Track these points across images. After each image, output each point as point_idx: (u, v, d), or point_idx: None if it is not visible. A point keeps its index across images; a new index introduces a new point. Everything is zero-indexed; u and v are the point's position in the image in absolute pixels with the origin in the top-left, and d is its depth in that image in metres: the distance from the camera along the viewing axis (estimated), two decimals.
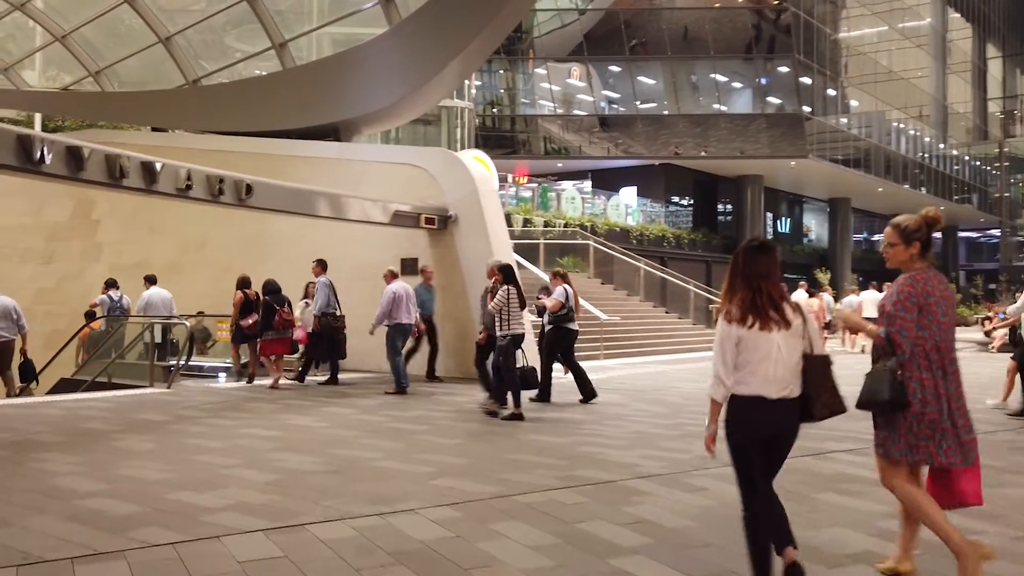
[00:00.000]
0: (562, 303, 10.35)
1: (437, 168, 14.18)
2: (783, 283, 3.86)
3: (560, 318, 10.42)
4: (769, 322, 3.54)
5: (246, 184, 10.43)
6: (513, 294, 9.29)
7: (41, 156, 7.61)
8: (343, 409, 9.68)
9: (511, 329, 9.26)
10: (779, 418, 3.58)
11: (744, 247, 3.70)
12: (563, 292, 10.41)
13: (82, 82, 17.88)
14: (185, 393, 11.11)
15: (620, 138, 35.86)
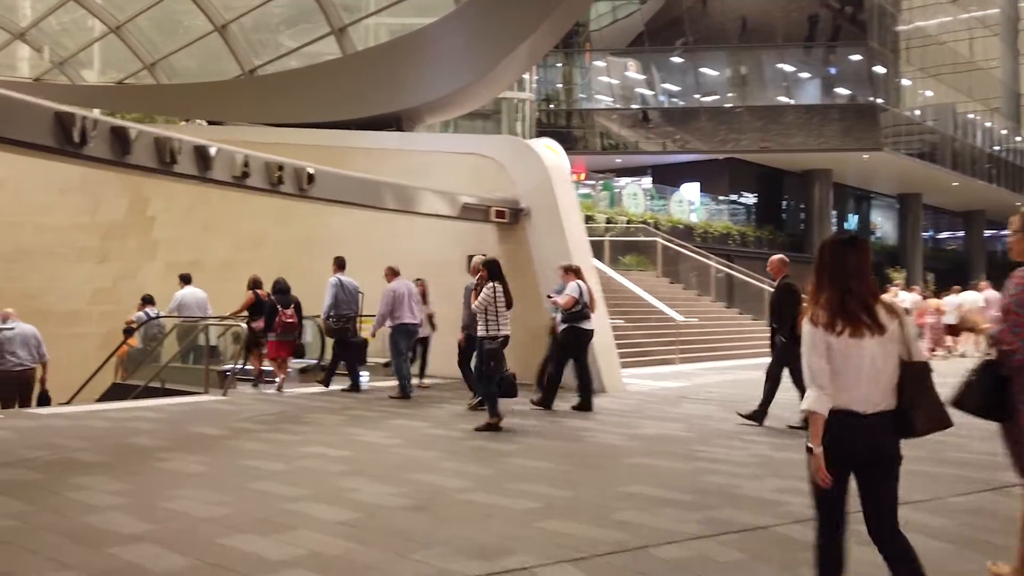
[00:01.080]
0: (575, 300, 9.45)
1: (506, 157, 13.06)
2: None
3: (574, 316, 9.50)
4: (861, 327, 3.12)
5: (307, 172, 9.42)
6: (500, 292, 8.34)
7: (83, 137, 6.67)
8: (413, 422, 8.60)
9: (499, 330, 8.28)
10: (877, 437, 3.13)
11: (831, 241, 3.33)
12: (576, 288, 9.53)
13: (137, 75, 17.17)
14: (241, 401, 10.15)
15: (681, 132, 34.37)
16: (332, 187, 9.93)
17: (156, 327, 13.49)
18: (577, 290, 9.53)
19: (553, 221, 12.37)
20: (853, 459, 3.12)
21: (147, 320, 13.50)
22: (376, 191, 10.69)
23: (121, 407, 9.41)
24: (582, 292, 9.57)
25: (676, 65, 34.88)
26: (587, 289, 9.69)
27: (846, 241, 3.32)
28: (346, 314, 11.11)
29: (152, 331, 13.48)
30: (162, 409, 9.26)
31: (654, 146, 34.73)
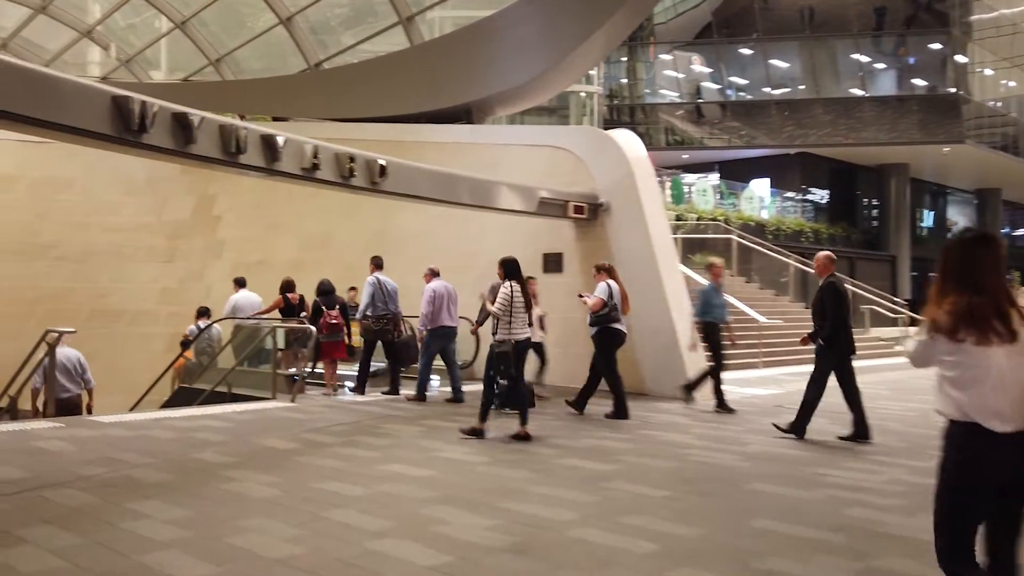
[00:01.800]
0: (604, 301, 8.92)
1: (585, 149, 12.22)
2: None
3: (603, 318, 8.96)
4: (989, 334, 2.80)
5: (380, 165, 8.72)
6: (517, 292, 7.64)
7: (142, 124, 6.07)
8: (492, 433, 7.81)
9: (511, 333, 7.57)
10: (1013, 458, 2.81)
11: (958, 240, 3.02)
12: (606, 289, 9.00)
13: (203, 72, 16.80)
14: (311, 409, 9.51)
15: (750, 126, 33.02)
16: (405, 180, 9.22)
17: (207, 340, 13.00)
18: (607, 291, 8.99)
19: (635, 217, 11.51)
20: (990, 479, 2.84)
21: (199, 333, 13.03)
22: (451, 185, 9.96)
23: (186, 415, 8.84)
24: (612, 293, 9.01)
25: (744, 57, 33.52)
26: (619, 290, 9.12)
27: (977, 239, 2.99)
28: (383, 314, 10.59)
29: (202, 344, 13.03)
30: (228, 418, 8.65)
31: (721, 141, 33.45)
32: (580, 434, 7.94)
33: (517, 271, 7.78)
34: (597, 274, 9.30)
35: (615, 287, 9.10)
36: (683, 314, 11.26)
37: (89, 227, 18.24)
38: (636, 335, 11.33)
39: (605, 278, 9.17)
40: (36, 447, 6.77)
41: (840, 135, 31.47)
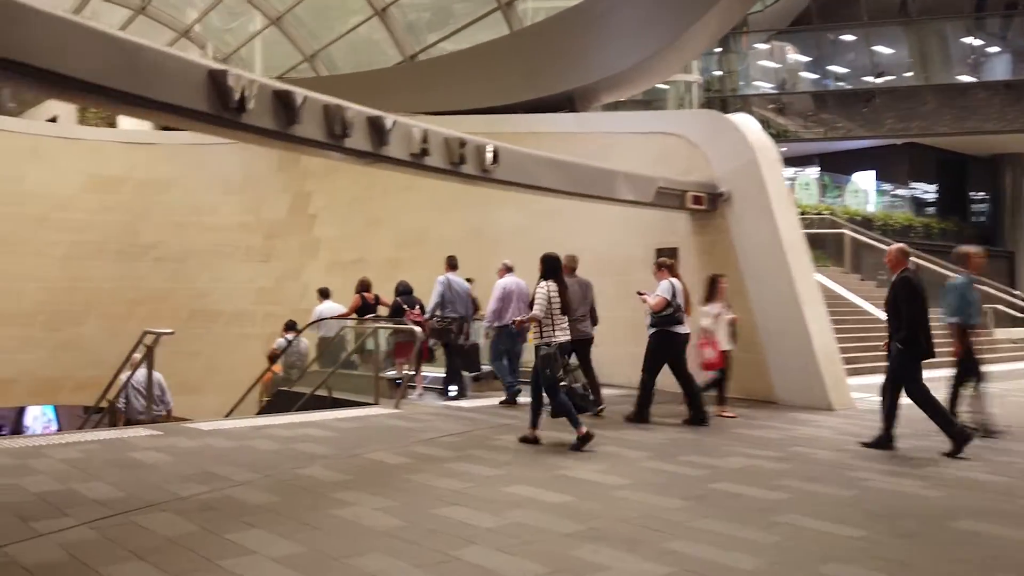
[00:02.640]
0: (667, 301, 8.16)
1: (701, 134, 11.12)
2: None
3: (665, 320, 8.21)
4: None
5: (492, 151, 7.87)
6: (554, 292, 6.99)
7: (241, 102, 5.37)
8: (623, 451, 6.86)
9: (555, 335, 6.97)
10: None
11: None
12: (668, 287, 8.24)
13: (298, 68, 16.36)
14: (417, 416, 8.74)
15: (852, 116, 31.04)
16: (518, 168, 8.34)
17: (296, 354, 12.49)
18: (669, 289, 8.23)
19: (761, 207, 10.36)
20: None
21: (287, 346, 12.46)
22: (565, 173, 9.03)
23: (287, 422, 8.17)
24: (675, 292, 8.25)
25: (845, 44, 31.58)
26: (681, 288, 8.36)
27: None
28: (451, 316, 10.04)
29: (291, 359, 12.50)
30: (331, 426, 7.94)
31: (820, 132, 31.57)
32: (720, 450, 6.90)
33: (557, 269, 7.15)
34: (658, 271, 8.53)
35: (678, 285, 8.33)
36: (818, 315, 10.08)
37: (188, 227, 18.07)
38: (763, 338, 10.21)
39: (667, 275, 8.39)
40: (132, 459, 6.15)
41: (946, 124, 29.25)
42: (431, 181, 15.22)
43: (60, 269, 17.07)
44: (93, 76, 4.62)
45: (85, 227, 17.36)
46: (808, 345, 9.80)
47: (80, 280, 17.25)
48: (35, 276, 16.80)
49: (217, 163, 18.31)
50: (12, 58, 4.38)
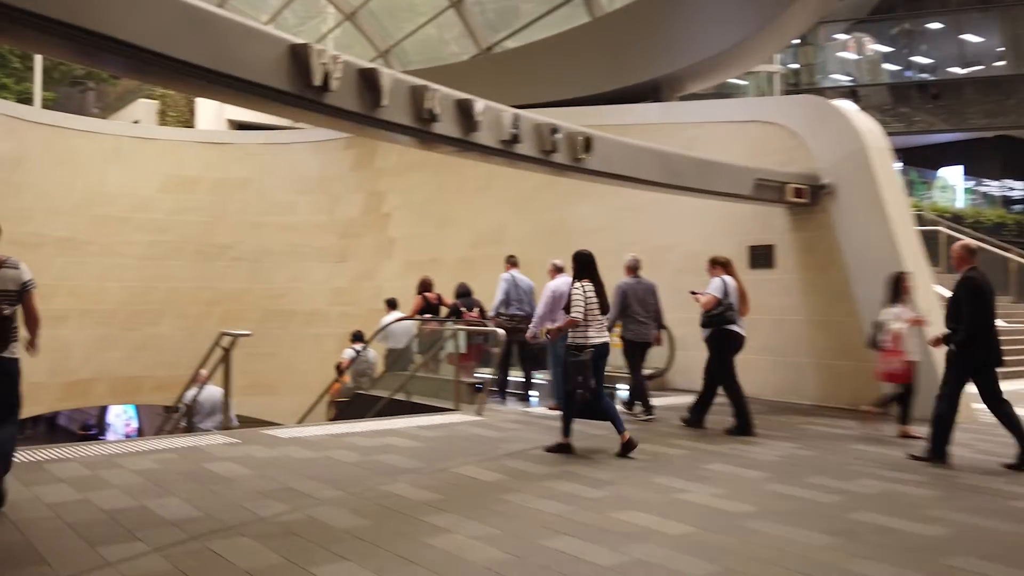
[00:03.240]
0: (718, 299, 7.71)
1: (801, 122, 10.26)
2: None
3: (716, 319, 7.74)
4: None
5: (585, 138, 7.20)
6: (591, 292, 6.54)
7: (325, 80, 4.83)
8: (739, 470, 6.11)
9: (587, 338, 6.49)
10: None
11: None
12: (720, 285, 7.79)
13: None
14: (501, 424, 8.14)
15: (937, 109, 29.37)
16: (611, 158, 7.65)
17: (365, 364, 12.10)
18: (720, 288, 7.77)
19: (870, 201, 9.46)
20: None
21: (355, 357, 12.02)
22: (662, 163, 8.31)
23: (368, 430, 7.65)
24: (728, 290, 7.78)
25: (931, 33, 29.91)
26: (736, 287, 7.86)
27: None
28: (517, 314, 9.67)
29: (361, 367, 12.10)
30: (413, 435, 7.38)
31: (902, 126, 29.95)
32: (847, 471, 6.09)
33: (590, 267, 6.67)
34: (712, 268, 8.03)
35: (731, 284, 7.83)
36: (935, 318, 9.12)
37: (264, 227, 17.87)
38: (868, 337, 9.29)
39: (721, 273, 7.91)
40: (208, 472, 5.68)
41: None
42: (507, 179, 14.72)
43: (139, 269, 17.04)
44: (169, 47, 4.12)
45: (163, 227, 17.31)
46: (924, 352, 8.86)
47: (158, 280, 17.20)
48: (115, 276, 16.80)
49: (292, 162, 18.08)
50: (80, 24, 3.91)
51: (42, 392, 15.72)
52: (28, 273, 4.89)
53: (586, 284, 6.57)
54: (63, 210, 16.25)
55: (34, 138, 15.91)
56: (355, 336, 12.77)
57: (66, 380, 16.15)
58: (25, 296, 4.89)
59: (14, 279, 4.79)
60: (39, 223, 15.89)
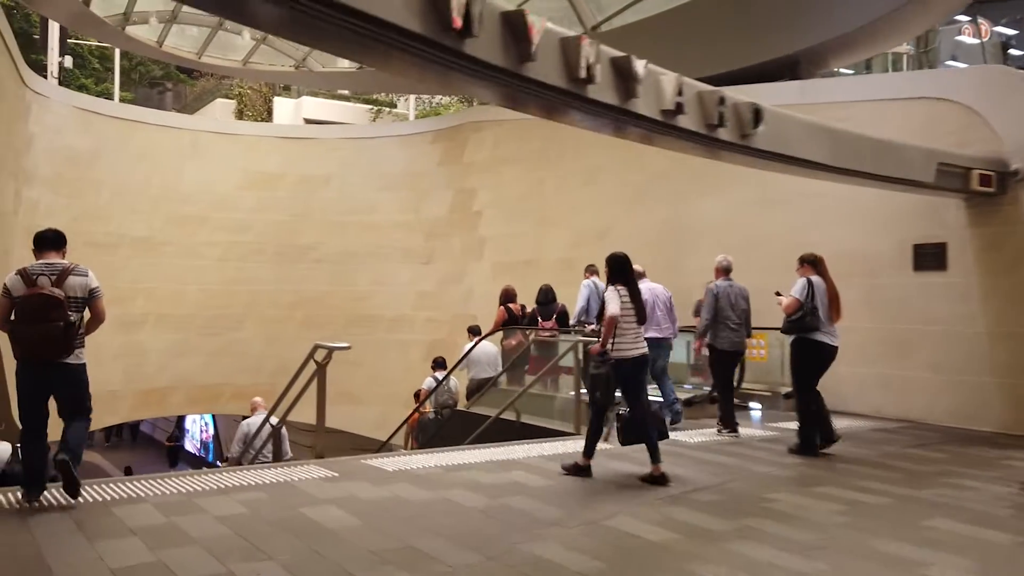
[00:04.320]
0: (800, 302, 6.90)
1: (982, 97, 8.79)
2: None
3: (797, 324, 6.95)
4: None
5: (753, 110, 5.98)
6: (626, 296, 5.94)
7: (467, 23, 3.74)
8: (959, 524, 4.81)
9: (618, 349, 5.90)
10: None
11: None
12: (802, 287, 6.98)
13: None
14: (634, 454, 6.97)
15: None
16: (780, 135, 6.38)
17: (447, 393, 11.10)
18: (803, 290, 6.95)
19: None
20: None
21: (436, 387, 11.04)
22: (835, 143, 7.01)
23: (485, 460, 6.56)
24: (813, 293, 6.93)
25: None
26: (825, 289, 7.02)
27: None
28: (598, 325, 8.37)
29: (443, 398, 11.08)
30: (540, 468, 6.27)
31: None
32: None
33: (626, 271, 6.01)
34: (800, 267, 7.25)
35: (820, 285, 6.99)
36: None
37: (347, 227, 17.10)
38: None
39: (809, 272, 7.10)
40: (307, 521, 4.66)
41: None
42: (614, 173, 13.52)
43: (217, 271, 16.47)
44: None
45: (243, 227, 16.70)
46: None
47: (237, 283, 16.60)
48: (193, 278, 16.26)
49: (376, 158, 17.29)
50: None
51: (118, 401, 15.25)
52: (95, 280, 5.07)
53: (620, 288, 5.92)
54: (140, 208, 15.77)
55: (111, 133, 15.48)
56: (436, 363, 11.76)
57: (142, 388, 15.65)
58: (92, 303, 5.03)
59: (82, 286, 4.96)
60: (116, 222, 15.44)
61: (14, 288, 4.79)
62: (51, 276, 4.83)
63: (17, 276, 4.81)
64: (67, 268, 4.91)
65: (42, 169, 14.20)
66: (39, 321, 4.67)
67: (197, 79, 35.55)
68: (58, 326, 4.68)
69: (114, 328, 15.50)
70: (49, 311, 4.68)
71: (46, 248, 5.02)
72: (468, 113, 16.77)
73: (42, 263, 4.91)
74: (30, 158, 13.72)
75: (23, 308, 4.72)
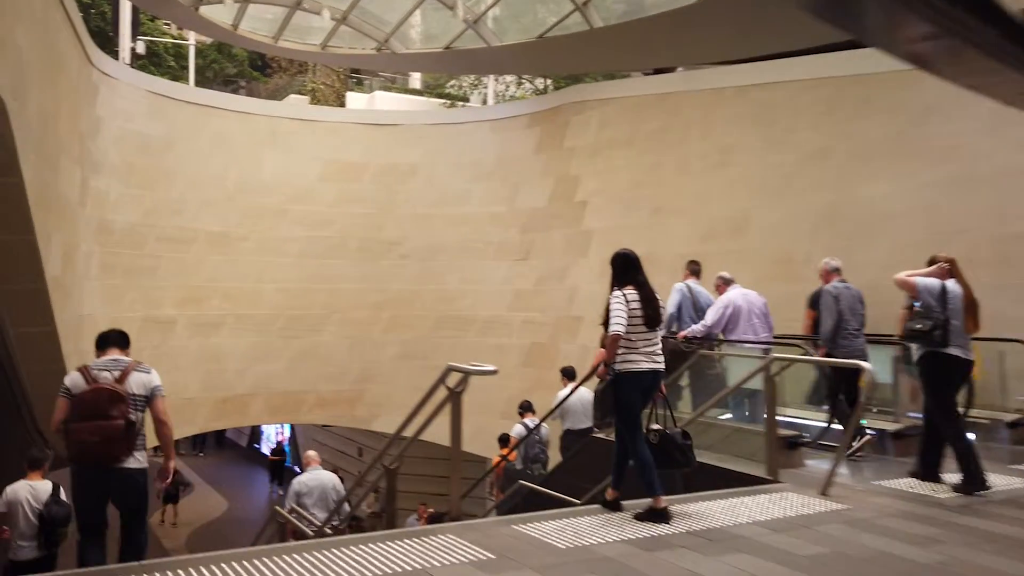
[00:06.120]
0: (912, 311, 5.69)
1: None
2: None
3: (918, 335, 5.65)
4: None
5: None
6: (635, 302, 4.83)
7: None
8: None
9: (632, 362, 4.84)
10: None
11: None
12: (925, 290, 5.70)
13: (564, 24, 13.08)
14: (881, 515, 4.99)
15: None
16: None
17: (538, 446, 9.41)
18: (925, 294, 5.72)
19: None
20: None
21: (527, 436, 9.26)
22: None
23: (685, 530, 4.64)
24: (946, 299, 5.67)
25: None
26: (961, 295, 5.75)
27: None
28: (690, 336, 7.76)
29: (533, 451, 9.39)
30: (770, 547, 4.33)
31: None
32: None
33: (630, 269, 5.02)
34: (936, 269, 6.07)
35: (955, 291, 5.77)
36: None
37: (434, 220, 15.39)
38: None
39: (944, 275, 5.86)
40: None
41: None
42: (753, 152, 11.36)
43: (297, 268, 14.92)
44: None
45: (324, 220, 15.13)
46: None
47: (319, 281, 15.02)
48: (272, 276, 14.73)
49: (466, 145, 15.53)
50: None
51: (194, 409, 13.81)
52: (158, 378, 4.79)
53: (628, 291, 4.90)
54: (216, 201, 14.29)
55: (185, 119, 14.02)
56: (524, 407, 9.92)
57: (220, 396, 14.18)
58: (154, 402, 4.73)
59: (144, 384, 4.71)
60: (191, 216, 13.99)
61: (74, 386, 4.54)
62: (114, 372, 4.62)
63: (78, 373, 4.60)
64: (131, 364, 4.70)
65: (111, 157, 12.79)
66: (97, 417, 4.39)
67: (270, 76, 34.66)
68: (118, 423, 4.41)
69: (190, 330, 14.13)
70: (109, 407, 4.43)
71: (109, 346, 4.81)
72: (567, 93, 14.85)
73: (105, 359, 4.72)
74: (97, 144, 12.30)
75: (81, 403, 4.44)
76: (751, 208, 11.08)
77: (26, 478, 6.58)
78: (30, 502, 6.41)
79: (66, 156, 10.22)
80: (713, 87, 11.83)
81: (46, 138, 8.86)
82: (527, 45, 14.07)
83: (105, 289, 12.76)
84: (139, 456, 4.60)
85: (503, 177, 15.13)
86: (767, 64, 11.06)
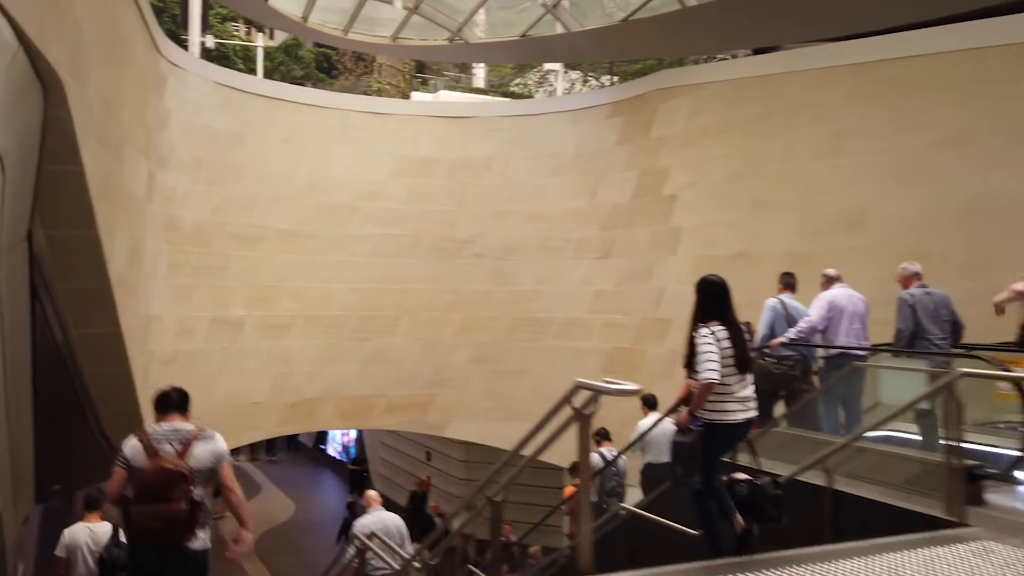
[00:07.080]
0: None
1: None
2: None
3: None
4: None
5: None
6: (725, 340, 4.15)
7: None
8: None
9: (720, 412, 4.19)
10: None
11: None
12: None
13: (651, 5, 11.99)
14: None
15: None
16: None
17: (614, 478, 8.31)
18: None
19: None
20: None
21: (604, 467, 8.16)
22: None
23: None
24: None
25: None
26: None
27: None
28: (784, 355, 6.78)
29: (610, 484, 8.26)
30: None
31: None
32: None
33: (719, 302, 4.20)
34: None
35: None
36: None
37: (509, 216, 14.45)
38: None
39: None
40: None
41: None
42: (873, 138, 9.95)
43: (368, 268, 14.15)
44: None
45: (395, 218, 14.33)
46: None
47: (390, 281, 14.23)
48: (343, 276, 13.99)
49: (542, 137, 14.55)
50: None
51: (263, 414, 13.13)
52: (223, 444, 4.42)
53: (717, 329, 4.16)
54: (285, 197, 13.60)
55: (253, 112, 13.36)
56: (600, 434, 8.79)
57: (289, 400, 13.48)
58: (220, 471, 4.36)
59: (210, 454, 4.34)
60: (260, 213, 13.33)
61: (133, 458, 4.23)
62: (175, 444, 4.28)
63: (137, 442, 4.27)
64: (194, 434, 4.36)
65: (179, 151, 12.17)
66: (159, 500, 4.10)
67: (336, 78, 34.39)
68: (182, 509, 4.12)
69: (259, 331, 13.47)
70: (171, 489, 4.12)
71: (170, 411, 4.44)
72: (654, 79, 13.72)
73: (167, 428, 4.36)
74: (165, 138, 11.69)
75: (141, 484, 4.14)
76: (869, 200, 9.83)
77: (83, 519, 6.23)
78: (89, 546, 6.10)
79: (132, 147, 9.56)
80: (824, 66, 10.60)
81: (109, 125, 8.15)
82: (610, 29, 13.00)
83: (173, 289, 12.16)
84: (202, 535, 4.30)
85: (582, 171, 14.10)
86: (891, 38, 9.79)
